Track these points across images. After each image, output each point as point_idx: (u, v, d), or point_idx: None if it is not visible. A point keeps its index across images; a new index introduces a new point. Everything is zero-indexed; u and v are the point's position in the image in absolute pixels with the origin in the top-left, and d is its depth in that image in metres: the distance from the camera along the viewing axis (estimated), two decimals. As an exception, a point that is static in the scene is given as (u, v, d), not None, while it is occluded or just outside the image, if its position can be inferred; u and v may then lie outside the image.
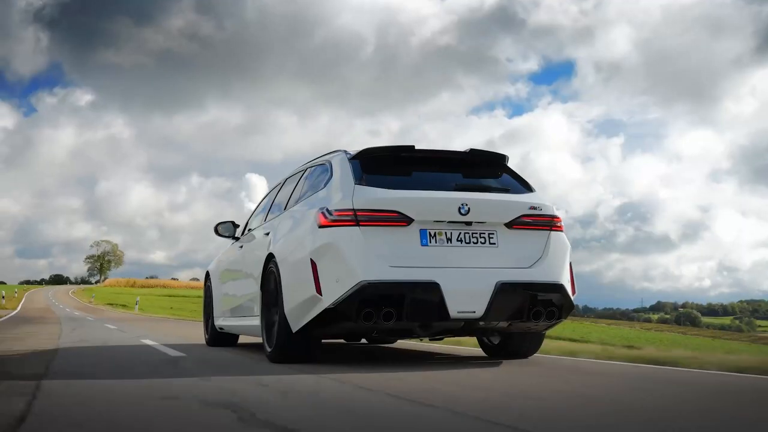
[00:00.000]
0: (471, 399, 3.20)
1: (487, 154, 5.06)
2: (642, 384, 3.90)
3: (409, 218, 4.44)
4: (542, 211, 4.75)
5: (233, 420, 2.58)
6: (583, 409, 2.96)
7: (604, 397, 3.35)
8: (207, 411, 2.81)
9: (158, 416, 2.75)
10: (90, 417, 2.72)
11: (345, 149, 5.07)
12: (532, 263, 4.63)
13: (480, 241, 4.56)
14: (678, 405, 3.09)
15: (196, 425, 2.54)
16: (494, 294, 4.39)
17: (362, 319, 4.28)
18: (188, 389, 3.54)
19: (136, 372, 4.58)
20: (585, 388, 3.65)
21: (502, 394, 3.39)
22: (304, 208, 4.96)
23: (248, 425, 2.47)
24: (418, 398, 3.15)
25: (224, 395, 3.23)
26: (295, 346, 4.76)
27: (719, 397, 3.42)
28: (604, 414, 2.84)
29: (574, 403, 3.11)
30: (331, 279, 4.34)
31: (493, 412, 2.78)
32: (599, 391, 3.54)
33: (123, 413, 2.83)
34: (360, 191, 4.51)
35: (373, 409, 2.93)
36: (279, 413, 2.74)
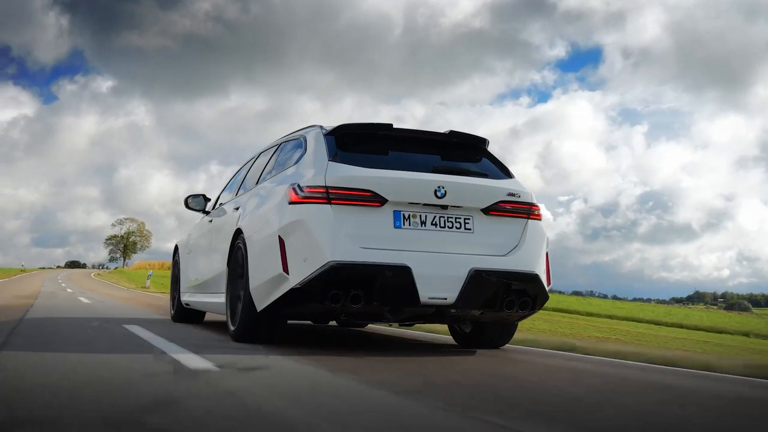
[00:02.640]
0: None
1: (467, 137, 5.07)
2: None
3: (383, 198, 4.45)
4: (520, 198, 4.78)
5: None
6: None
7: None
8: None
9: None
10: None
11: (321, 124, 5.07)
12: (507, 251, 4.67)
13: (455, 226, 4.59)
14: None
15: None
16: (467, 281, 4.42)
17: (329, 301, 4.29)
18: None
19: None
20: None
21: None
22: (275, 183, 4.96)
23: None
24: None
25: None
26: (259, 325, 4.78)
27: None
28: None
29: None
30: (298, 258, 4.35)
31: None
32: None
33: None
34: (333, 168, 4.51)
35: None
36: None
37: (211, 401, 2.52)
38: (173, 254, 7.70)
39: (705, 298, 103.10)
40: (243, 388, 2.85)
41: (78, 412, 2.29)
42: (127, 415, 2.22)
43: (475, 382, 3.52)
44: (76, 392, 2.67)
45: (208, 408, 2.40)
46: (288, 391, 2.88)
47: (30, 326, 5.77)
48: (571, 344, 6.08)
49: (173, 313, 7.38)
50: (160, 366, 3.51)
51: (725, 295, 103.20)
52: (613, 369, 4.48)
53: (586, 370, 4.38)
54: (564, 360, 4.92)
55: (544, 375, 4.06)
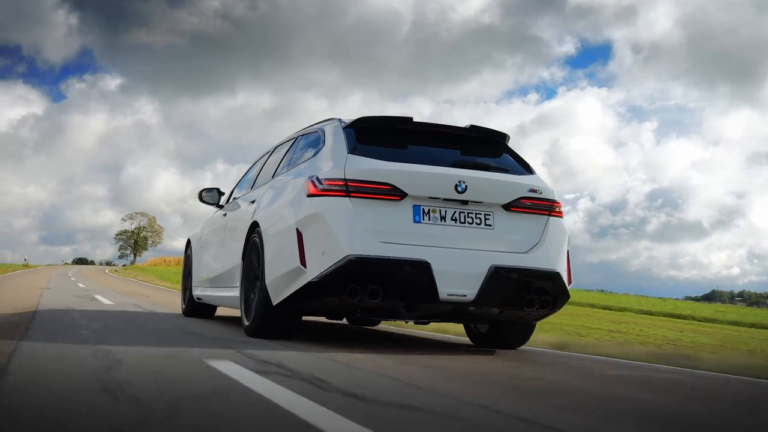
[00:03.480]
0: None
1: (487, 132, 5.07)
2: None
3: (403, 192, 4.45)
4: (542, 195, 4.77)
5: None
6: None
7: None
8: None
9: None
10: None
11: (340, 117, 5.08)
12: (528, 249, 4.66)
13: (475, 222, 4.58)
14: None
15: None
16: (487, 278, 4.42)
17: (347, 296, 4.29)
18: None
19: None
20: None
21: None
22: (293, 176, 4.97)
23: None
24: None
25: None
26: (274, 319, 4.78)
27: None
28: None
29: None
30: (316, 251, 4.36)
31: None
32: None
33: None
34: (353, 161, 4.52)
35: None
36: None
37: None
38: (185, 248, 7.73)
39: (722, 296, 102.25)
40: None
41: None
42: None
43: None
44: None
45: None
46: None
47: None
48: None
49: (184, 307, 7.41)
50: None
51: (742, 293, 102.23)
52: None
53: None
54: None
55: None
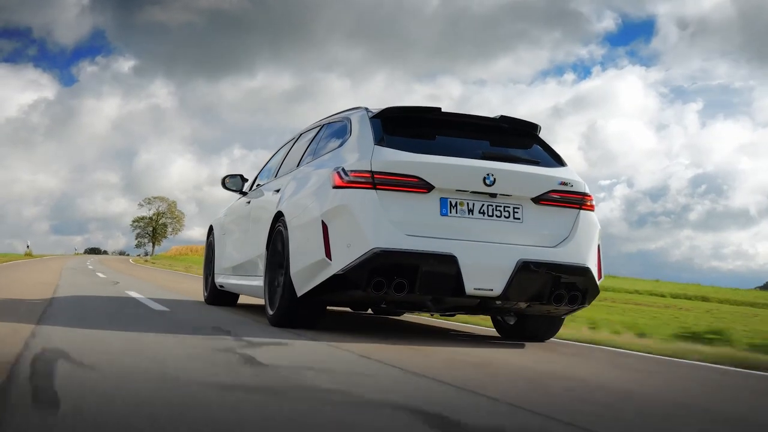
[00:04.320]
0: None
1: (517, 122, 5.06)
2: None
3: (430, 185, 4.47)
4: (573, 188, 4.77)
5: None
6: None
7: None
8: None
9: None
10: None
11: (366, 106, 5.10)
12: (557, 243, 4.67)
13: (504, 215, 4.60)
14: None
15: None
16: (515, 272, 4.44)
17: (372, 289, 4.34)
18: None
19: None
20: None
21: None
22: (319, 166, 5.01)
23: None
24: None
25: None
26: (298, 310, 4.84)
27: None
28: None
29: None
30: (342, 243, 4.40)
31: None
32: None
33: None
34: (379, 152, 4.54)
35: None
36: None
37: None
38: (207, 235, 7.81)
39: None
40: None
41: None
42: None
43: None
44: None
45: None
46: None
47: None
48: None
49: (206, 295, 7.50)
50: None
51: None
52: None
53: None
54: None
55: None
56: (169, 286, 11.50)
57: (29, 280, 10.96)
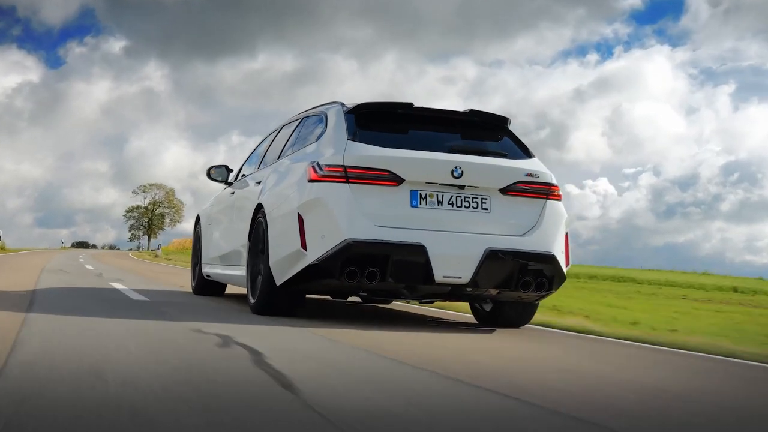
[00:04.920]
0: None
1: (487, 116, 5.32)
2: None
3: (400, 178, 4.74)
4: (539, 179, 5.03)
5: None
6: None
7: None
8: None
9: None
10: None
11: (342, 101, 5.35)
12: (524, 231, 4.93)
13: (472, 206, 4.86)
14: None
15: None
16: (482, 260, 4.71)
17: (346, 278, 4.62)
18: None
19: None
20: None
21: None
22: (296, 160, 5.27)
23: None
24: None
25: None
26: (278, 299, 5.12)
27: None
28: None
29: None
30: (316, 235, 4.68)
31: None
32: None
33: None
34: (352, 147, 4.81)
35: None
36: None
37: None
38: (195, 225, 8.09)
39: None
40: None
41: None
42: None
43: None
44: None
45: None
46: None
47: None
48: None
49: (194, 285, 7.78)
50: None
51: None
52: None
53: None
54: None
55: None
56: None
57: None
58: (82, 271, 13.26)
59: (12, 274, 10.86)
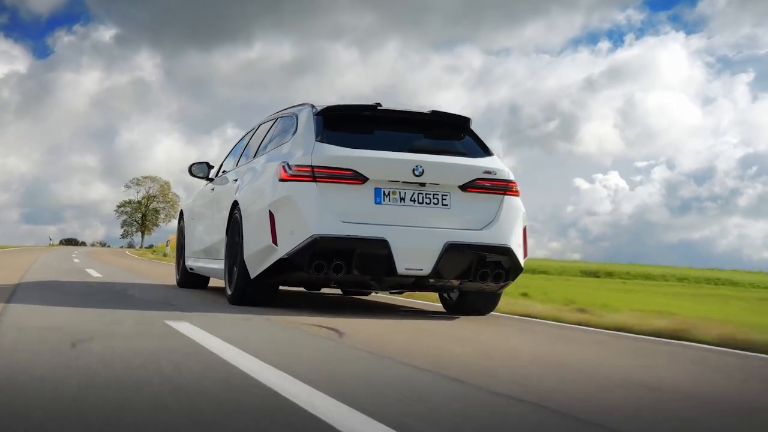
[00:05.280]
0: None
1: (449, 117, 5.67)
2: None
3: (365, 177, 5.10)
4: (497, 176, 5.39)
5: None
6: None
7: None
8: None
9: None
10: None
11: (312, 103, 5.70)
12: (483, 226, 5.30)
13: (433, 202, 5.22)
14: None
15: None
16: (442, 253, 5.08)
17: (314, 270, 4.99)
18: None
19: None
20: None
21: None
22: (269, 159, 5.62)
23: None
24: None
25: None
26: (253, 290, 5.49)
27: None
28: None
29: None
30: (286, 231, 5.04)
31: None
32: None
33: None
34: (319, 148, 5.16)
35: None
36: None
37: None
38: (179, 220, 8.44)
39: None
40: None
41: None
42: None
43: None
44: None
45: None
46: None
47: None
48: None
49: (178, 278, 8.14)
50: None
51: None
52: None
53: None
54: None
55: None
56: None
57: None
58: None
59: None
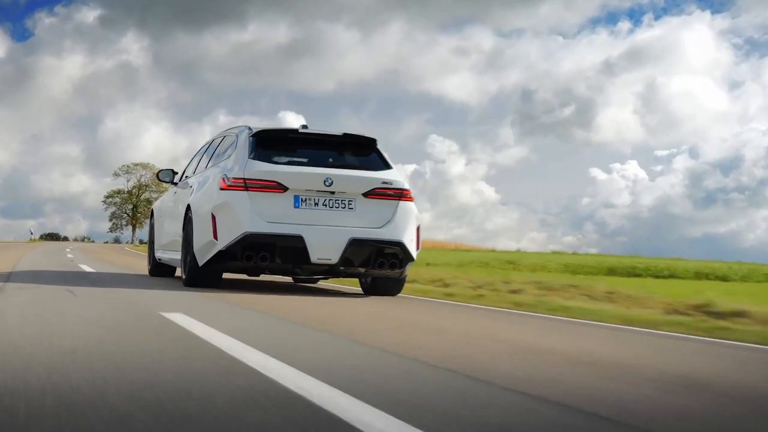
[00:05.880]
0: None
1: (358, 137, 7.21)
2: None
3: (285, 187, 6.63)
4: (393, 186, 6.93)
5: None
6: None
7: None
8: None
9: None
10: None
11: (249, 126, 7.21)
12: (381, 225, 6.83)
13: (340, 206, 6.76)
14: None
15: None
16: (347, 247, 6.61)
17: (245, 260, 6.53)
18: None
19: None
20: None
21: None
22: (214, 171, 7.16)
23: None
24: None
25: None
26: (201, 276, 7.01)
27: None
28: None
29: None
30: (224, 229, 6.57)
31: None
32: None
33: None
34: (251, 164, 6.69)
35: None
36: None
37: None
38: (150, 218, 9.98)
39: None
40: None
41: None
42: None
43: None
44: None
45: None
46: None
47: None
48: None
49: (150, 267, 9.68)
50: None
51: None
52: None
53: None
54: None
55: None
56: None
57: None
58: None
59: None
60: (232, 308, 5.50)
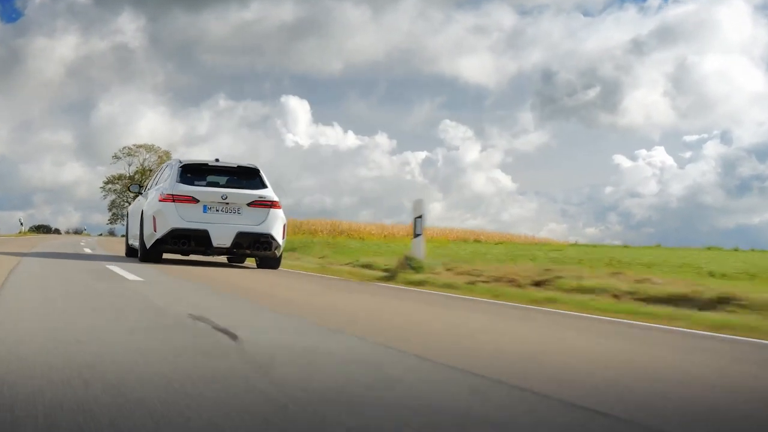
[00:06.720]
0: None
1: (247, 168, 11.60)
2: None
3: (197, 200, 11.01)
4: (266, 198, 11.29)
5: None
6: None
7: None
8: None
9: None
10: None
11: (180, 159, 11.63)
12: (259, 223, 11.20)
13: (232, 212, 11.12)
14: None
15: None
16: (236, 236, 11.00)
17: (173, 244, 10.96)
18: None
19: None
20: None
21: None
22: (157, 189, 11.59)
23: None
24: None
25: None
26: (149, 255, 11.38)
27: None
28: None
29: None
30: (161, 225, 10.96)
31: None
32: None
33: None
34: (177, 186, 11.08)
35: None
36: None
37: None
38: (125, 217, 14.51)
39: None
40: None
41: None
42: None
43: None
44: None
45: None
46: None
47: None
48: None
49: (126, 250, 14.14)
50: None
51: None
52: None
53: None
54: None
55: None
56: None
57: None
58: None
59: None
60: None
